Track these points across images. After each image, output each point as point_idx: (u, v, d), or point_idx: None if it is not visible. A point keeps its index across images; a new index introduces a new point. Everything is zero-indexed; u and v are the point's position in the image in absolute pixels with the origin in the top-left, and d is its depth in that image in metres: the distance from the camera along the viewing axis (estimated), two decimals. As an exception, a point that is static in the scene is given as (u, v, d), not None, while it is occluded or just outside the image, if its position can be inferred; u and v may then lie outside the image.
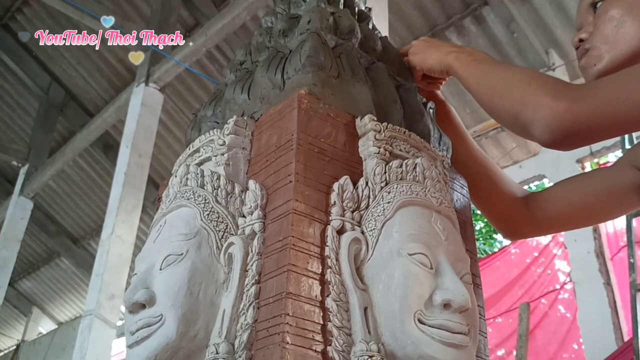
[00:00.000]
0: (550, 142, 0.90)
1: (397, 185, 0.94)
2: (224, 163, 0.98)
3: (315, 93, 0.99)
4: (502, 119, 0.98)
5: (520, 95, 0.92)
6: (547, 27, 5.51)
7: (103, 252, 5.09)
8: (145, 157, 5.58)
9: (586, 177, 1.23)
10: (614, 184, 1.15)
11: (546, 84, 0.91)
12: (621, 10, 1.03)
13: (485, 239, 10.82)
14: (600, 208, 1.18)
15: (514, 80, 0.95)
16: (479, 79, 1.02)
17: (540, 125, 0.88)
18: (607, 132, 0.91)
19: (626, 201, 1.15)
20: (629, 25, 1.02)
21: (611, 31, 1.04)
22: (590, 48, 1.06)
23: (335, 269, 0.87)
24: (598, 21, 1.06)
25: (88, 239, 10.14)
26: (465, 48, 1.12)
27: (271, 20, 1.30)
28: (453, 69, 1.09)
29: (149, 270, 0.91)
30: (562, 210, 1.19)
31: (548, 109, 0.88)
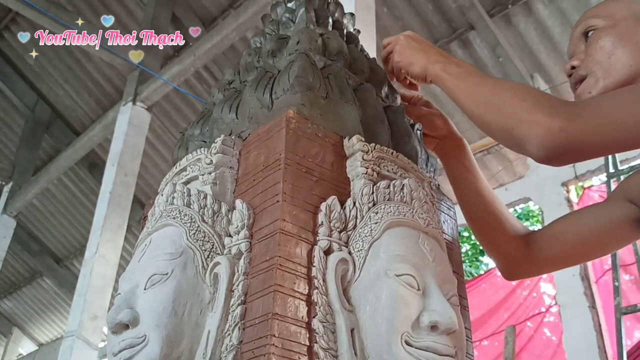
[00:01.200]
0: (545, 158, 0.90)
1: (385, 206, 0.94)
2: (211, 182, 0.98)
3: (304, 113, 0.99)
4: (495, 133, 0.97)
5: (514, 110, 0.92)
6: (532, 52, 5.59)
7: (86, 271, 5.02)
8: (131, 176, 5.55)
9: (581, 215, 1.23)
10: (608, 220, 1.16)
11: (541, 100, 0.91)
12: (612, 38, 1.06)
13: (472, 261, 10.84)
14: (597, 245, 1.19)
15: (508, 95, 0.94)
16: (470, 92, 1.01)
17: (535, 141, 0.89)
18: (599, 150, 0.92)
19: (621, 235, 1.16)
20: (620, 53, 1.05)
21: (603, 59, 1.06)
22: (588, 75, 1.08)
23: (322, 289, 0.86)
24: (590, 49, 1.09)
25: (71, 258, 10.01)
26: (452, 58, 1.10)
27: (260, 41, 1.31)
28: (440, 79, 1.07)
29: (133, 290, 0.90)
30: (558, 249, 1.19)
31: (543, 126, 0.88)
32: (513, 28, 5.54)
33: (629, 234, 1.15)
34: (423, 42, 1.16)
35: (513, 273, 1.26)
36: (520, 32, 5.54)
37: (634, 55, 1.05)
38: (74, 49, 7.35)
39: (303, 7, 1.26)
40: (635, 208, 1.13)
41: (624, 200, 1.16)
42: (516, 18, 5.49)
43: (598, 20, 1.10)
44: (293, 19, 1.28)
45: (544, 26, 5.44)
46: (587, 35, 1.11)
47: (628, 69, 1.04)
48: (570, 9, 5.26)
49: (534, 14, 5.41)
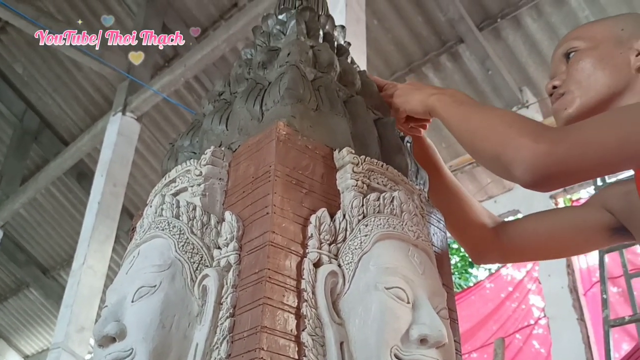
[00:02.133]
0: (531, 182, 0.91)
1: (375, 219, 0.93)
2: (200, 194, 0.97)
3: (294, 125, 0.99)
4: (484, 159, 1.00)
5: (501, 137, 0.94)
6: (521, 65, 5.64)
7: (73, 282, 4.98)
8: (120, 187, 5.52)
9: (557, 212, 1.29)
10: (582, 222, 1.20)
11: (527, 126, 0.93)
12: (592, 60, 1.11)
13: (461, 273, 10.85)
14: (567, 243, 1.24)
15: (495, 122, 0.97)
16: (461, 120, 1.05)
17: (521, 166, 0.90)
18: (585, 174, 0.94)
19: (592, 239, 1.20)
20: (600, 74, 1.09)
21: (583, 79, 1.10)
22: (565, 93, 1.12)
23: (312, 302, 0.86)
24: (571, 69, 1.13)
25: (58, 269, 9.92)
26: (447, 90, 1.14)
27: (251, 52, 1.31)
28: (435, 110, 1.11)
29: (121, 302, 0.89)
30: (529, 240, 1.24)
31: (529, 150, 0.89)
32: (502, 42, 5.59)
33: (600, 239, 1.19)
34: (419, 84, 1.22)
35: (479, 258, 1.32)
36: (509, 45, 5.59)
37: (612, 77, 1.09)
38: (64, 58, 7.33)
39: (294, 19, 1.27)
40: (611, 216, 1.17)
41: (600, 208, 1.19)
42: (505, 32, 5.54)
43: (579, 42, 1.14)
44: (284, 31, 1.28)
45: (533, 40, 5.50)
46: (568, 56, 1.15)
47: (606, 90, 1.08)
48: (559, 24, 5.32)
49: (523, 28, 5.47)
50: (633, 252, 4.64)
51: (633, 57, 1.09)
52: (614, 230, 1.17)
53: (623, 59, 1.09)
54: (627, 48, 1.10)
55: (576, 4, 5.16)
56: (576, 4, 5.16)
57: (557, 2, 5.23)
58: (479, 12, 5.51)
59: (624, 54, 1.10)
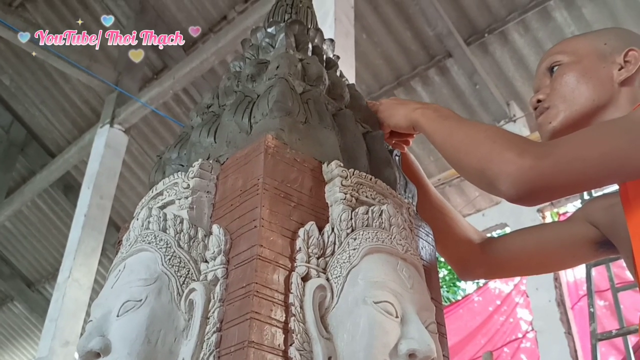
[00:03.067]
0: (516, 197, 0.92)
1: (363, 232, 0.93)
2: (188, 207, 0.96)
3: (282, 138, 0.99)
4: (468, 174, 1.00)
5: (486, 151, 0.94)
6: (508, 80, 5.69)
7: (59, 296, 4.92)
8: (107, 199, 5.48)
9: (543, 228, 1.29)
10: (568, 236, 1.21)
11: (511, 141, 0.93)
12: (576, 74, 1.12)
13: (449, 286, 10.85)
14: (553, 258, 1.24)
15: (480, 137, 0.97)
16: (445, 135, 1.04)
17: (506, 180, 0.90)
18: (569, 188, 0.94)
19: (578, 254, 1.21)
20: (584, 88, 1.10)
21: (567, 93, 1.11)
22: (550, 107, 1.13)
23: (300, 317, 0.85)
24: (555, 83, 1.14)
25: (43, 282, 9.80)
26: (430, 105, 1.14)
27: (240, 65, 1.31)
28: (419, 124, 1.11)
29: (106, 316, 0.88)
30: (515, 255, 1.24)
31: (513, 165, 0.90)
32: (489, 56, 5.64)
33: (586, 253, 1.20)
34: (403, 100, 1.22)
35: (465, 274, 1.31)
36: (497, 60, 5.64)
37: (596, 90, 1.10)
38: (52, 70, 7.29)
39: (283, 32, 1.27)
40: (596, 230, 1.17)
41: (585, 222, 1.20)
42: (492, 47, 5.59)
43: (563, 56, 1.15)
44: (273, 44, 1.29)
45: (520, 55, 5.55)
46: (552, 70, 1.16)
47: (590, 103, 1.09)
48: (545, 39, 5.38)
49: (510, 43, 5.52)
50: (619, 266, 4.66)
51: (616, 71, 1.10)
52: (600, 244, 1.17)
53: (606, 72, 1.11)
54: (610, 62, 1.11)
55: (562, 20, 5.22)
56: (562, 20, 5.22)
57: (543, 18, 5.30)
58: (466, 27, 5.56)
59: (606, 67, 1.11)
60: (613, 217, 1.12)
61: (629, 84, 1.10)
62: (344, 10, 3.45)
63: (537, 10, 5.25)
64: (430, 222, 1.21)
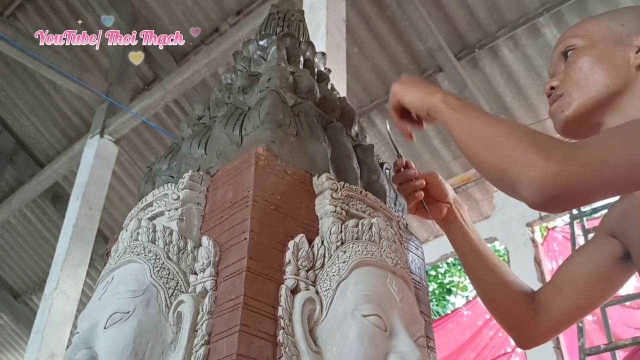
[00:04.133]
0: (539, 203, 0.85)
1: (353, 245, 0.93)
2: (177, 218, 0.96)
3: (273, 150, 0.99)
4: (487, 172, 0.92)
5: (509, 150, 0.87)
6: (498, 94, 5.73)
7: (45, 307, 4.87)
8: (95, 210, 5.45)
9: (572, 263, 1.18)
10: (595, 262, 1.12)
11: (538, 141, 0.86)
12: (590, 59, 1.05)
13: (438, 300, 10.84)
14: (595, 291, 1.14)
15: (504, 133, 0.89)
16: (465, 125, 0.96)
17: (529, 186, 0.83)
18: (595, 195, 0.88)
19: (614, 275, 1.12)
20: (598, 74, 1.04)
21: (581, 79, 1.05)
22: (563, 94, 1.07)
23: (288, 330, 0.84)
24: (568, 69, 1.07)
25: (30, 293, 9.70)
26: (450, 93, 1.04)
27: (231, 77, 1.31)
28: (437, 109, 1.01)
29: (93, 328, 0.87)
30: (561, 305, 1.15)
31: (538, 169, 0.83)
32: (480, 71, 5.68)
33: (619, 272, 1.11)
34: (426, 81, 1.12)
35: (527, 340, 1.20)
36: (487, 75, 5.69)
37: (611, 77, 1.03)
38: (42, 80, 7.27)
39: (275, 45, 1.28)
40: (618, 243, 1.10)
41: (606, 236, 1.12)
42: (483, 62, 5.64)
43: (577, 39, 1.08)
44: (265, 57, 1.29)
45: (509, 70, 5.60)
46: (566, 54, 1.10)
47: (605, 90, 1.03)
48: (535, 55, 5.43)
49: (500, 58, 5.57)
50: (608, 281, 4.66)
51: (633, 54, 1.03)
52: (625, 258, 1.10)
53: (622, 56, 1.03)
54: (626, 45, 1.04)
55: (552, 36, 5.28)
56: (552, 36, 5.28)
57: (533, 34, 5.35)
58: (457, 42, 5.61)
59: (623, 51, 1.04)
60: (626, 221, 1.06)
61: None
62: (336, 24, 3.47)
63: (527, 26, 5.30)
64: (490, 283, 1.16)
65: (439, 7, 5.43)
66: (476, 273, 1.20)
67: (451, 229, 1.21)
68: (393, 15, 5.47)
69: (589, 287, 1.13)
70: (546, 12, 5.17)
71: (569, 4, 5.08)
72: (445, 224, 1.22)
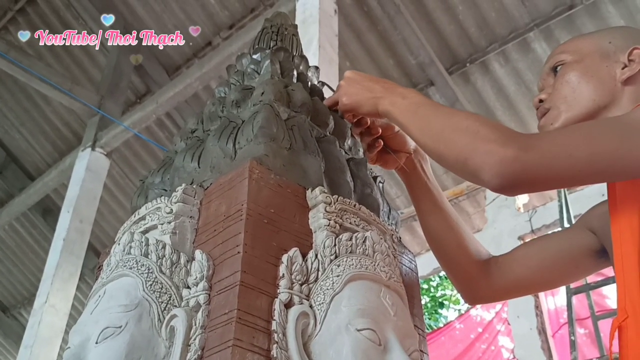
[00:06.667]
0: (499, 187, 0.90)
1: (347, 259, 0.93)
2: (170, 232, 0.96)
3: (267, 164, 0.99)
4: (449, 164, 0.97)
5: (468, 141, 0.92)
6: (489, 109, 5.77)
7: (34, 322, 4.82)
8: (86, 223, 5.42)
9: (545, 241, 1.23)
10: (569, 246, 1.17)
11: (495, 130, 0.92)
12: (578, 73, 1.09)
13: (431, 313, 10.83)
14: (558, 271, 1.19)
15: (461, 126, 0.95)
16: (421, 125, 1.01)
17: (490, 171, 0.89)
18: (552, 183, 0.93)
19: (581, 264, 1.17)
20: (585, 88, 1.08)
21: (568, 93, 1.09)
22: (550, 108, 1.11)
23: (282, 344, 0.84)
24: (557, 83, 1.11)
25: (19, 307, 9.60)
26: (396, 89, 1.09)
27: (224, 90, 1.31)
28: (391, 115, 1.07)
29: (84, 343, 0.86)
30: (521, 274, 1.19)
31: (497, 155, 0.88)
32: (471, 85, 5.73)
33: (589, 264, 1.16)
34: (365, 78, 1.15)
35: (474, 297, 1.25)
36: (478, 89, 5.73)
37: (597, 90, 1.07)
38: (33, 93, 7.25)
39: (268, 59, 1.28)
40: (595, 238, 1.14)
41: (585, 229, 1.16)
42: (474, 76, 5.69)
43: (566, 55, 1.12)
44: (258, 70, 1.29)
45: (500, 84, 5.65)
46: (555, 69, 1.14)
47: (591, 103, 1.07)
48: (525, 69, 5.48)
49: (491, 72, 5.62)
50: (599, 294, 4.70)
51: (619, 70, 1.07)
52: (599, 253, 1.14)
53: (609, 72, 1.08)
54: (613, 61, 1.08)
55: (542, 51, 5.33)
56: (542, 51, 5.33)
57: (523, 49, 5.41)
58: (448, 56, 5.66)
59: (609, 67, 1.08)
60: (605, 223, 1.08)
61: (633, 83, 1.07)
62: (328, 38, 3.50)
63: (517, 41, 5.36)
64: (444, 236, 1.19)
65: (430, 22, 5.48)
66: (432, 225, 1.22)
67: (410, 178, 1.24)
68: (384, 30, 5.51)
69: (555, 265, 1.17)
70: (536, 27, 5.24)
71: (559, 19, 5.15)
72: (403, 173, 1.24)
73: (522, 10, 5.23)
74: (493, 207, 5.81)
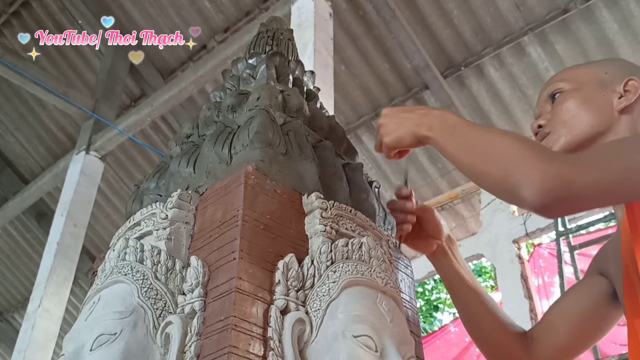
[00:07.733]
0: (540, 205, 0.88)
1: (343, 265, 0.92)
2: (166, 238, 0.95)
3: (263, 169, 0.98)
4: (487, 183, 0.96)
5: (508, 158, 0.91)
6: (484, 112, 5.78)
7: (28, 326, 4.79)
8: (80, 227, 5.39)
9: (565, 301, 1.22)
10: (588, 300, 1.16)
11: (535, 147, 0.91)
12: (576, 100, 1.12)
13: (426, 317, 10.82)
14: (588, 328, 1.17)
15: (500, 144, 0.93)
16: (459, 146, 1.00)
17: (531, 188, 0.87)
18: (595, 200, 0.91)
19: (606, 313, 1.15)
20: (584, 114, 1.11)
21: (568, 118, 1.12)
22: (551, 132, 1.13)
23: (278, 351, 0.83)
24: (556, 109, 1.14)
25: (12, 312, 9.54)
26: (432, 112, 1.07)
27: (220, 95, 1.31)
28: (429, 140, 1.05)
29: (78, 351, 0.85)
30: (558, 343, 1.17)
31: (539, 172, 0.87)
32: (466, 89, 5.74)
33: (610, 309, 1.15)
34: (400, 111, 1.12)
35: None
36: (473, 93, 5.74)
37: (596, 117, 1.10)
38: (27, 96, 7.22)
39: (264, 64, 1.28)
40: (606, 281, 1.14)
41: (596, 275, 1.17)
42: (469, 80, 5.69)
43: (564, 83, 1.16)
44: (254, 75, 1.29)
45: (495, 88, 5.66)
46: (553, 97, 1.17)
47: (590, 129, 1.10)
48: (519, 74, 5.49)
49: (486, 76, 5.63)
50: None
51: (615, 99, 1.11)
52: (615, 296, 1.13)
53: (605, 100, 1.11)
54: (610, 90, 1.12)
55: (536, 56, 5.35)
56: (536, 56, 5.35)
57: (518, 53, 5.42)
58: (443, 60, 5.66)
59: (606, 95, 1.12)
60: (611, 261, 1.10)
61: (628, 112, 1.11)
62: (323, 42, 3.50)
63: (512, 45, 5.37)
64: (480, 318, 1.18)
65: (425, 27, 5.48)
66: (472, 311, 1.22)
67: (442, 264, 1.24)
68: (380, 34, 5.52)
69: (582, 324, 1.16)
70: (530, 31, 5.25)
71: (553, 24, 5.16)
72: (434, 258, 1.24)
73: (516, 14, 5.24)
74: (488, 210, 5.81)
